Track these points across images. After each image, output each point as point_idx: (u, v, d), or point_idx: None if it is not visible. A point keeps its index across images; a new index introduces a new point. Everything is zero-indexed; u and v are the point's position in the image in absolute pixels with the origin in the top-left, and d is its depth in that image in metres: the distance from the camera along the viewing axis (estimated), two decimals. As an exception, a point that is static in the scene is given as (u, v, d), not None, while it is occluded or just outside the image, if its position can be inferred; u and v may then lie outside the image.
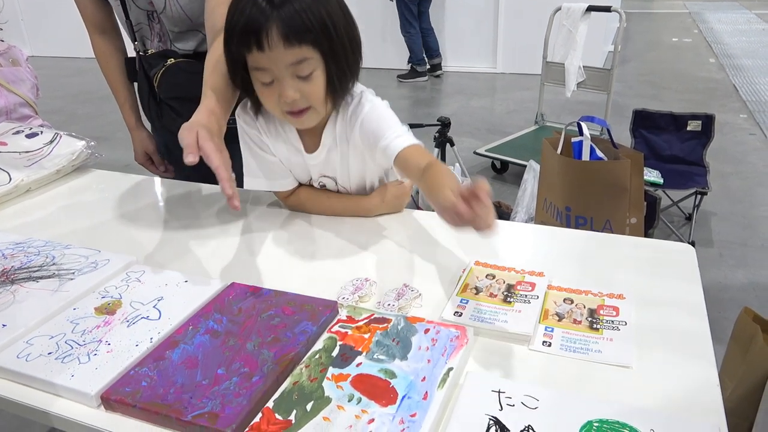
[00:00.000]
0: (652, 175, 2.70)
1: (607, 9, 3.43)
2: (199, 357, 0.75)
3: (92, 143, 1.47)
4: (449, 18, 6.12)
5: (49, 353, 0.78)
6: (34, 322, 0.84)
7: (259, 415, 0.66)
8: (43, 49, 6.83)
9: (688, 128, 2.83)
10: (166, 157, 1.62)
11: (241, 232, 1.13)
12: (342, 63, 0.97)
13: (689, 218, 2.84)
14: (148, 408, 0.68)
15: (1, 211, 1.27)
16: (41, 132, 1.48)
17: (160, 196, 1.36)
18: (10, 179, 1.31)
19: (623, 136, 3.01)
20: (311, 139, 1.09)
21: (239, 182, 1.08)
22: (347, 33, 0.97)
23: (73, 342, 0.80)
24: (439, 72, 5.97)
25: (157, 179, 1.47)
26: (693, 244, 2.68)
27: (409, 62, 5.87)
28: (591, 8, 3.49)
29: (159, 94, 1.41)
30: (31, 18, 7.08)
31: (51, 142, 1.45)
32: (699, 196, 2.74)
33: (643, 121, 2.89)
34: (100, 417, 0.70)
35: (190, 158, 0.88)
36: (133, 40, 1.44)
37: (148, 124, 1.62)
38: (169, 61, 1.36)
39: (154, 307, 0.87)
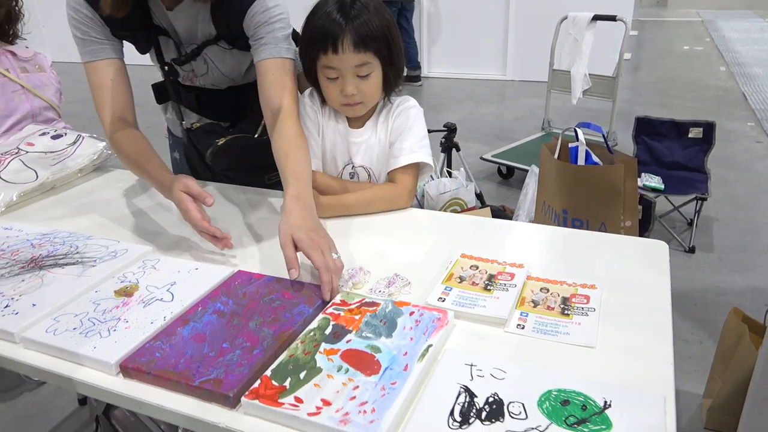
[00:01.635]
0: (654, 181, 2.77)
1: (612, 18, 3.50)
2: (207, 333, 0.84)
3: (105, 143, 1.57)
4: (460, 26, 6.22)
5: (74, 328, 0.87)
6: (60, 302, 0.94)
7: (258, 381, 0.74)
8: (63, 56, 7.01)
9: (690, 135, 2.89)
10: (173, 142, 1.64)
11: (248, 225, 1.22)
12: (396, 67, 1.22)
13: (690, 224, 2.89)
14: (161, 375, 0.77)
15: (28, 206, 1.38)
16: (65, 134, 1.58)
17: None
18: (37, 177, 1.42)
19: (630, 143, 3.07)
20: (358, 123, 1.29)
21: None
22: (398, 42, 1.21)
23: (95, 319, 0.89)
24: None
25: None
26: (693, 249, 2.75)
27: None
28: (597, 17, 3.56)
29: (213, 167, 1.43)
30: (52, 25, 7.27)
31: (74, 143, 1.55)
32: (699, 202, 2.79)
33: (645, 128, 2.95)
34: (118, 383, 0.79)
35: (293, 273, 0.94)
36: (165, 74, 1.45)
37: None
38: (219, 141, 1.38)
39: (167, 290, 0.96)
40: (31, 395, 2.02)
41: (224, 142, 1.38)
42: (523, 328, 0.85)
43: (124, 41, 1.30)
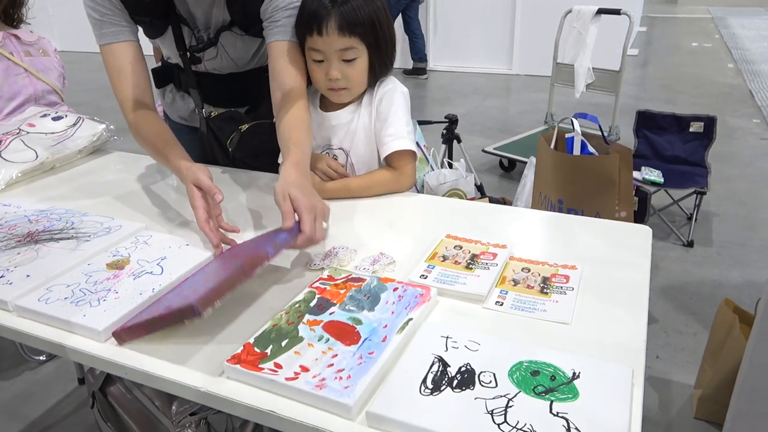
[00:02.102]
0: (653, 175, 2.77)
1: (617, 12, 3.49)
2: (186, 280, 0.89)
3: (111, 127, 1.60)
4: (466, 20, 6.21)
5: (66, 298, 0.90)
6: (53, 274, 0.96)
7: (241, 348, 0.76)
8: (72, 45, 7.06)
9: (691, 129, 2.88)
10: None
11: (241, 206, 1.24)
12: (383, 55, 1.23)
13: (690, 218, 2.89)
14: (142, 324, 0.81)
15: (28, 184, 1.41)
16: (66, 115, 1.61)
17: (172, 175, 1.48)
18: (37, 157, 1.44)
19: (632, 137, 3.07)
20: (334, 105, 1.31)
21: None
22: (389, 31, 1.23)
23: (86, 290, 0.92)
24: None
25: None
26: (692, 243, 2.75)
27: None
28: (601, 11, 3.55)
29: (233, 154, 1.43)
30: (61, 14, 7.32)
31: (74, 125, 1.58)
32: (699, 196, 2.79)
33: (646, 122, 2.95)
34: (106, 350, 0.82)
35: (288, 224, 0.96)
36: (168, 57, 1.48)
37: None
38: (242, 128, 1.40)
39: (157, 264, 0.99)
40: (32, 374, 2.06)
41: (247, 129, 1.41)
42: (501, 305, 0.87)
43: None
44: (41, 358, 2.09)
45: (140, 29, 1.33)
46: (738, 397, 1.52)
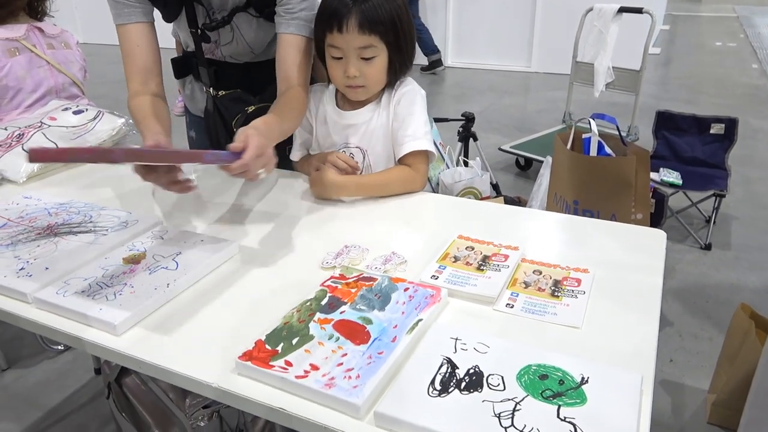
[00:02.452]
0: (672, 176, 2.74)
1: (639, 10, 3.44)
2: None
3: (130, 121, 1.62)
4: (486, 17, 6.17)
5: (83, 291, 0.92)
6: (71, 267, 0.98)
7: (252, 344, 0.78)
8: (93, 37, 7.15)
9: (711, 131, 2.84)
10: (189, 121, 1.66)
11: (257, 200, 1.26)
12: (403, 54, 1.24)
13: (708, 221, 2.86)
14: (63, 150, 0.95)
15: (48, 177, 1.43)
16: (86, 109, 1.64)
17: (189, 169, 1.49)
18: (58, 150, 1.47)
19: (651, 137, 3.04)
20: (353, 104, 1.32)
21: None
22: (409, 30, 1.23)
23: (102, 284, 0.94)
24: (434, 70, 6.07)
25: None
26: (709, 246, 2.72)
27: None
28: (623, 9, 3.51)
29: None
30: (84, 6, 7.41)
31: (94, 118, 1.61)
32: (718, 199, 2.76)
33: (666, 123, 2.91)
34: (122, 344, 0.83)
35: (234, 147, 0.96)
36: (187, 45, 1.49)
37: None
38: (249, 109, 1.43)
39: (173, 260, 1.00)
40: (50, 363, 2.10)
41: (253, 110, 1.42)
42: (512, 307, 0.87)
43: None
44: (59, 347, 2.13)
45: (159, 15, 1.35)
46: (752, 402, 1.51)
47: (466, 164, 2.71)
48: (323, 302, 0.87)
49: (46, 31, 1.84)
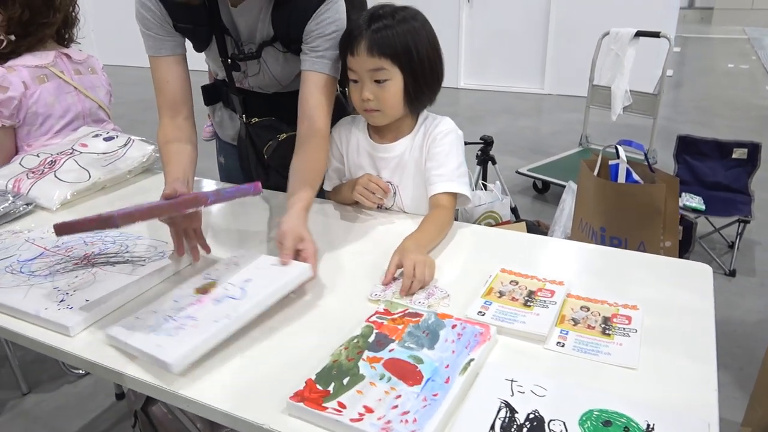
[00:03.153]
0: (694, 201, 2.72)
1: (656, 35, 3.46)
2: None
3: (161, 147, 1.62)
4: (498, 39, 6.21)
5: (150, 326, 0.88)
6: (112, 299, 0.97)
7: (303, 384, 0.76)
8: (110, 59, 7.25)
9: (734, 156, 2.83)
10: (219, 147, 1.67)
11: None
12: (419, 81, 1.22)
13: (731, 246, 2.83)
14: (73, 224, 0.94)
15: (80, 204, 1.43)
16: (117, 136, 1.64)
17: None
18: (90, 177, 1.47)
19: (670, 162, 3.02)
20: (387, 138, 1.32)
21: None
22: (429, 60, 1.22)
23: (168, 317, 0.90)
24: None
25: (215, 183, 1.58)
26: (734, 272, 2.68)
27: None
28: (639, 33, 3.52)
29: (268, 162, 1.46)
30: (101, 29, 7.52)
31: (125, 145, 1.61)
32: (742, 225, 2.73)
33: (687, 147, 2.90)
34: (177, 382, 0.81)
35: (284, 260, 1.02)
36: (216, 74, 1.51)
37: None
38: (281, 137, 1.43)
39: (240, 288, 0.96)
40: (71, 387, 2.08)
41: (285, 137, 1.42)
42: (563, 345, 0.86)
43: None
44: (80, 371, 2.12)
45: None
46: (790, 438, 1.47)
47: (485, 188, 2.70)
48: (370, 339, 0.85)
49: (73, 57, 1.86)
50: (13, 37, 1.66)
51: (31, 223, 1.32)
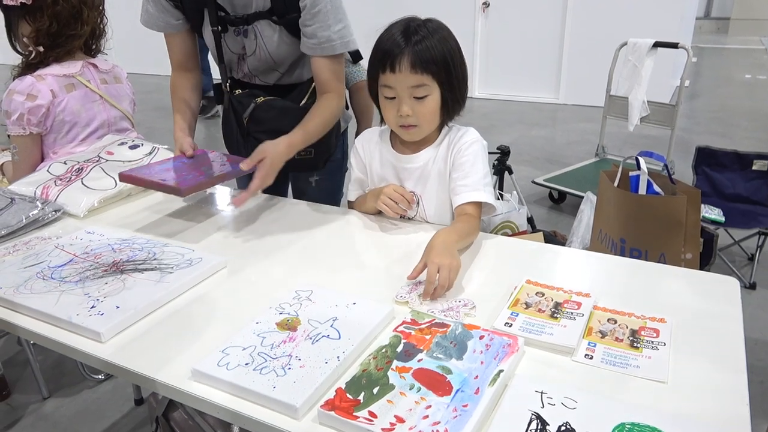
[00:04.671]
0: (714, 213, 2.69)
1: (674, 45, 3.45)
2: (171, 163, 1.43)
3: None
4: (513, 49, 6.22)
5: (246, 364, 0.84)
6: (141, 306, 0.99)
7: (333, 393, 0.77)
8: (127, 66, 7.35)
9: (754, 167, 2.80)
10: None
11: (317, 237, 1.26)
12: (455, 93, 1.24)
13: (751, 259, 2.80)
14: (142, 179, 1.35)
15: (106, 212, 1.45)
16: (141, 144, 1.67)
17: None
18: (116, 184, 1.49)
19: (689, 173, 3.01)
20: (410, 148, 1.34)
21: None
22: (461, 69, 1.23)
23: (265, 354, 0.86)
24: None
25: (234, 191, 1.60)
26: (754, 285, 2.66)
27: None
28: (658, 44, 3.51)
29: (248, 128, 1.52)
30: (118, 36, 7.63)
31: (150, 153, 1.63)
32: (762, 237, 2.70)
33: (706, 159, 2.88)
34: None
35: (243, 167, 1.34)
36: (222, 70, 1.57)
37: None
38: (258, 99, 1.49)
39: (331, 326, 0.93)
40: (90, 392, 2.10)
41: (263, 101, 1.49)
42: (591, 358, 0.86)
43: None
44: (100, 376, 2.14)
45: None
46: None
47: (501, 197, 2.70)
48: (398, 349, 0.86)
49: (100, 66, 1.89)
50: (41, 49, 1.70)
51: (59, 230, 1.34)
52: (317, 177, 1.67)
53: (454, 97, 1.24)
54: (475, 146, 1.28)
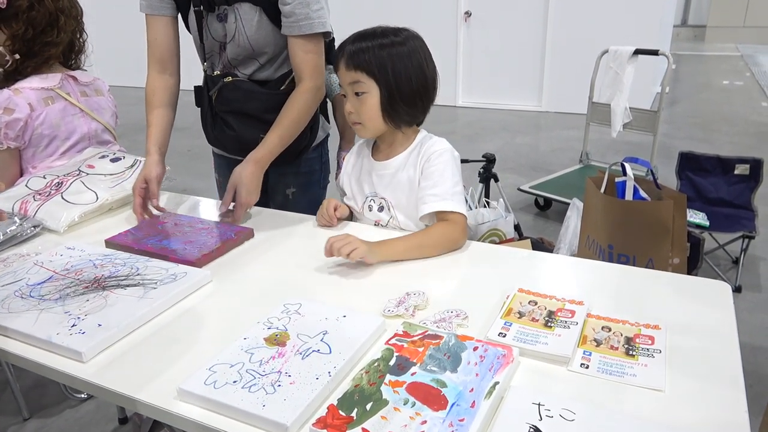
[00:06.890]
0: (698, 218, 2.72)
1: (654, 53, 3.49)
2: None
3: (168, 167, 1.61)
4: (496, 57, 6.26)
5: (234, 382, 0.81)
6: (125, 323, 0.96)
7: (325, 410, 0.74)
8: (110, 79, 7.28)
9: (736, 172, 2.83)
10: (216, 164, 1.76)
11: (304, 248, 1.24)
12: (395, 97, 1.23)
13: (736, 262, 2.82)
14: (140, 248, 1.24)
15: (87, 226, 1.42)
16: (123, 157, 1.63)
17: (218, 216, 1.48)
18: (97, 198, 1.46)
19: (670, 178, 3.03)
20: (383, 154, 1.35)
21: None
22: (410, 78, 1.23)
23: (253, 372, 0.83)
24: None
25: (217, 201, 1.55)
26: (739, 288, 2.67)
27: None
28: (638, 51, 3.55)
29: (215, 107, 1.54)
30: (101, 49, 7.57)
31: (132, 166, 1.60)
32: (746, 240, 2.73)
33: (690, 164, 2.91)
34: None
35: (222, 208, 1.42)
36: (203, 61, 1.58)
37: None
38: (227, 79, 1.50)
39: (321, 340, 0.90)
40: (73, 411, 2.04)
41: (231, 81, 1.49)
42: (587, 367, 0.84)
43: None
44: (82, 395, 2.08)
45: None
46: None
47: (488, 205, 2.70)
48: (391, 363, 0.84)
49: (80, 79, 1.86)
50: (17, 56, 1.66)
51: (38, 246, 1.30)
52: (294, 189, 1.65)
53: (393, 102, 1.23)
54: (445, 156, 1.27)
